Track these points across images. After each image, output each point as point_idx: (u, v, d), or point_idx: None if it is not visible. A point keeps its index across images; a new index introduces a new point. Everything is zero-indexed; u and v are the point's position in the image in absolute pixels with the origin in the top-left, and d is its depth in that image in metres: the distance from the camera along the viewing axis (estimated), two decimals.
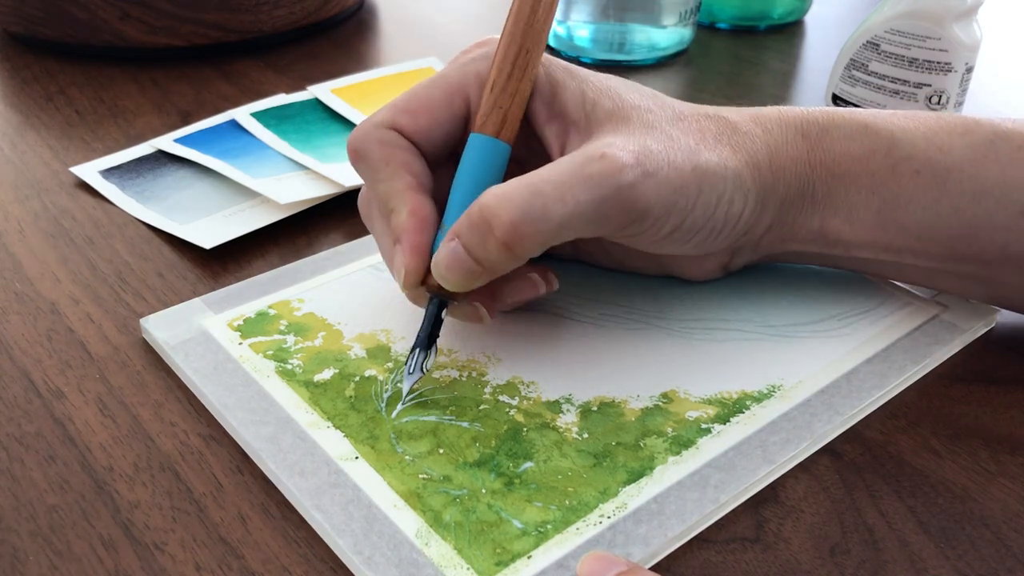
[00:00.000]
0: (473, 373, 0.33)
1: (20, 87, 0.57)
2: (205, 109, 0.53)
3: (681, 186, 0.30)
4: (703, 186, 0.30)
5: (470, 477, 0.28)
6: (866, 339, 0.34)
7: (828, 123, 0.33)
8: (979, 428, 0.31)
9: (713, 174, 0.31)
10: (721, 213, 0.31)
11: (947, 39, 0.47)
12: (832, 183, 0.33)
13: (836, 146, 0.33)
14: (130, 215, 0.43)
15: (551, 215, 0.28)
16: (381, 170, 0.31)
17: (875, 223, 0.33)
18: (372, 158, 0.31)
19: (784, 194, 0.33)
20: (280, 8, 0.60)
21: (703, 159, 0.31)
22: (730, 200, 0.31)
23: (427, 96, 0.32)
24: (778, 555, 0.27)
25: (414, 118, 0.31)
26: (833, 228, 0.33)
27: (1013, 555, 0.27)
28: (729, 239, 0.33)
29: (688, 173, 0.30)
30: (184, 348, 0.33)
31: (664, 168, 0.29)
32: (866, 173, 0.33)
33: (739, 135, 0.32)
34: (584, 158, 0.29)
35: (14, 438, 0.31)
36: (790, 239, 0.34)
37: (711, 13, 0.66)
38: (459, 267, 0.29)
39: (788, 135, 0.33)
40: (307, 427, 0.30)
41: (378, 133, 0.31)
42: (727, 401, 0.31)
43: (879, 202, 0.33)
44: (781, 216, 0.33)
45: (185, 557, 0.27)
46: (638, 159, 0.29)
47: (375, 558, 0.26)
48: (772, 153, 0.33)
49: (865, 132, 0.33)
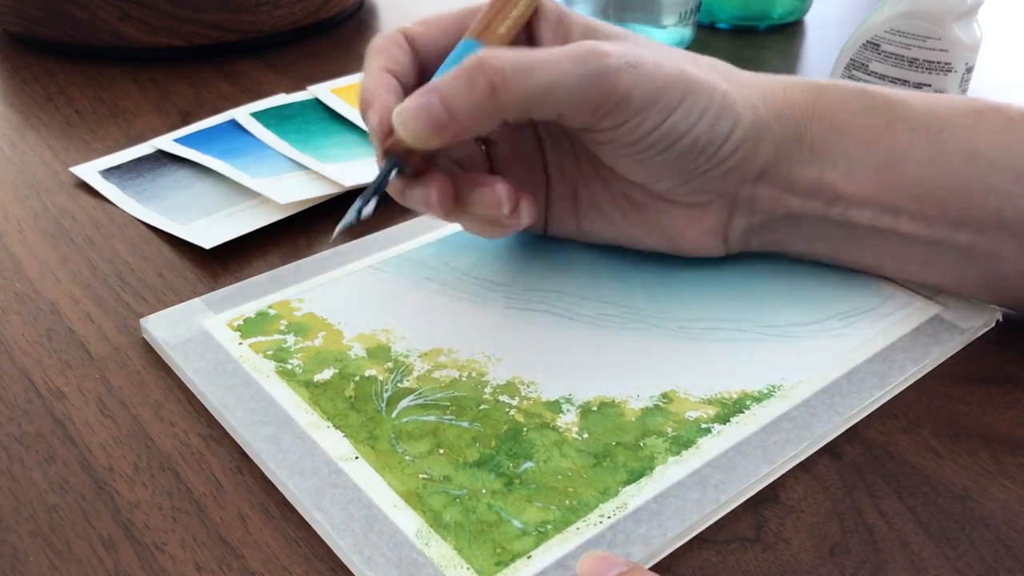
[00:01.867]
0: (473, 373, 0.33)
1: (20, 87, 0.57)
2: (205, 109, 0.53)
3: (665, 84, 0.31)
4: (687, 92, 0.32)
5: (470, 477, 0.28)
6: (866, 339, 0.34)
7: (826, 84, 0.35)
8: (979, 428, 0.31)
9: (699, 86, 0.32)
10: (705, 126, 0.32)
11: (947, 39, 0.47)
12: (830, 136, 0.34)
13: (834, 102, 0.34)
14: (130, 215, 0.43)
15: (538, 75, 0.30)
16: (372, 59, 0.34)
17: (873, 179, 0.34)
18: (372, 51, 0.34)
19: (780, 135, 0.34)
20: (280, 8, 0.60)
21: (691, 71, 0.32)
22: (716, 117, 0.32)
23: (450, 14, 0.35)
24: (778, 555, 0.27)
25: (426, 27, 0.35)
26: (831, 181, 0.34)
27: (1013, 555, 0.27)
28: (718, 168, 0.33)
29: (674, 75, 0.32)
30: (184, 348, 0.33)
31: (649, 65, 0.31)
32: (864, 129, 0.34)
33: (735, 74, 0.35)
34: (576, 45, 0.31)
35: (14, 438, 0.31)
36: (787, 189, 0.35)
37: (711, 13, 0.66)
38: (426, 115, 0.29)
39: (787, 87, 0.35)
40: (307, 427, 0.30)
41: (389, 34, 0.34)
42: (727, 401, 0.31)
43: (876, 159, 0.34)
44: (777, 160, 0.34)
45: (185, 557, 0.27)
46: (625, 55, 0.31)
47: (375, 558, 0.26)
48: (768, 96, 0.34)
49: (864, 93, 0.35)
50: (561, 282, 0.37)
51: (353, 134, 0.49)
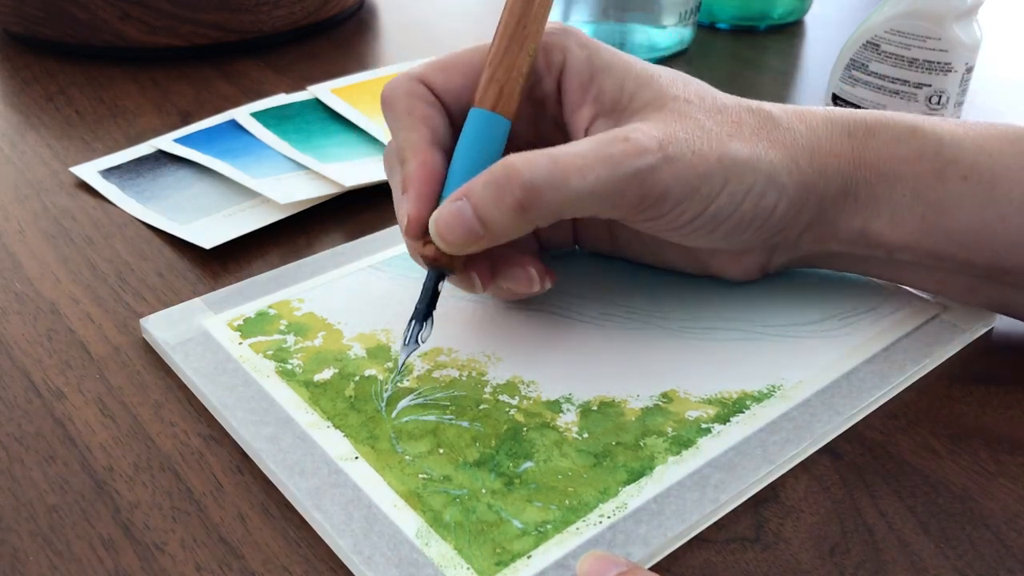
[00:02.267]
0: (473, 373, 0.33)
1: (20, 87, 0.57)
2: (205, 109, 0.53)
3: (705, 173, 0.30)
4: (730, 176, 0.30)
5: (470, 477, 0.28)
6: (866, 339, 0.34)
7: (875, 124, 0.33)
8: (979, 428, 0.31)
9: (742, 165, 0.31)
10: (750, 205, 0.31)
11: (947, 39, 0.47)
12: (877, 184, 0.32)
13: (882, 147, 0.32)
14: (130, 215, 0.43)
15: (570, 185, 0.28)
16: (403, 119, 0.31)
17: (919, 227, 0.32)
18: (397, 107, 0.32)
19: (824, 191, 0.32)
20: (280, 8, 0.60)
21: (732, 149, 0.31)
22: (761, 193, 0.31)
23: (466, 58, 0.32)
24: (778, 555, 0.27)
25: (447, 76, 0.32)
26: (876, 230, 0.33)
27: (1013, 555, 0.27)
28: (763, 233, 0.33)
29: (713, 161, 0.30)
30: (184, 348, 0.33)
31: (688, 155, 0.30)
32: (912, 176, 0.32)
33: (780, 130, 0.32)
34: (609, 138, 0.29)
35: (14, 438, 0.31)
36: (831, 238, 0.34)
37: (711, 13, 0.66)
38: (461, 226, 0.29)
39: (833, 133, 0.33)
40: (307, 427, 0.30)
41: (408, 84, 0.32)
42: (727, 401, 0.31)
43: (924, 206, 0.32)
44: (821, 214, 0.33)
45: (185, 557, 0.27)
46: (661, 144, 0.29)
47: (375, 558, 0.26)
48: (814, 150, 0.32)
49: (912, 135, 0.32)
50: (561, 282, 0.37)
51: (353, 134, 0.49)
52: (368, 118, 0.50)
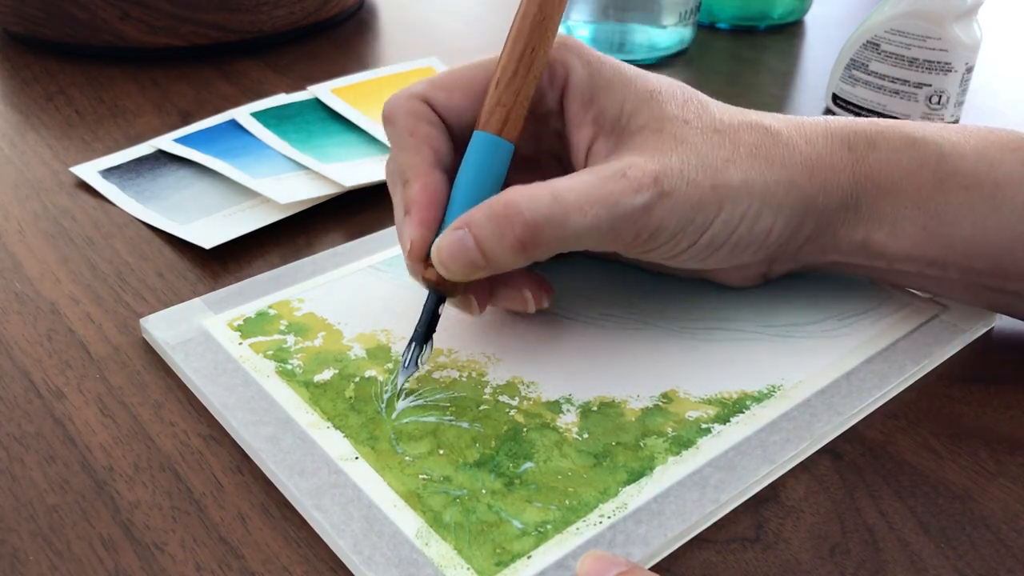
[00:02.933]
0: (473, 373, 0.33)
1: (20, 87, 0.57)
2: (205, 109, 0.53)
3: (699, 202, 0.30)
4: (724, 203, 0.30)
5: (470, 477, 0.28)
6: (866, 339, 0.34)
7: (875, 135, 0.33)
8: (979, 428, 0.31)
9: (736, 191, 0.31)
10: (745, 229, 0.31)
11: (947, 39, 0.47)
12: (878, 197, 0.32)
13: (883, 159, 0.32)
14: (130, 215, 0.43)
15: (570, 224, 0.28)
16: (405, 139, 0.31)
17: (921, 237, 0.32)
18: (399, 126, 0.31)
19: (825, 206, 0.32)
20: (280, 8, 0.60)
21: (726, 177, 0.31)
22: (756, 216, 0.31)
23: (467, 76, 0.32)
24: (778, 555, 0.27)
25: (448, 95, 0.32)
26: (877, 241, 0.33)
27: (1013, 555, 0.27)
28: (761, 252, 0.33)
29: (707, 191, 0.30)
30: (184, 348, 0.33)
31: (682, 187, 0.30)
32: (913, 187, 0.32)
33: (779, 146, 0.32)
34: (609, 173, 0.29)
35: (14, 438, 0.31)
36: (832, 250, 0.34)
37: (711, 13, 0.66)
38: (463, 257, 0.29)
39: (832, 146, 0.33)
40: (307, 427, 0.30)
41: (410, 103, 0.31)
42: (727, 401, 0.31)
43: (925, 217, 0.32)
44: (822, 228, 0.33)
45: (185, 557, 0.27)
46: (656, 179, 0.29)
47: (375, 558, 0.26)
48: (814, 165, 0.32)
49: (912, 145, 0.32)
50: (561, 282, 0.37)
51: (353, 134, 0.49)
52: (368, 118, 0.50)
